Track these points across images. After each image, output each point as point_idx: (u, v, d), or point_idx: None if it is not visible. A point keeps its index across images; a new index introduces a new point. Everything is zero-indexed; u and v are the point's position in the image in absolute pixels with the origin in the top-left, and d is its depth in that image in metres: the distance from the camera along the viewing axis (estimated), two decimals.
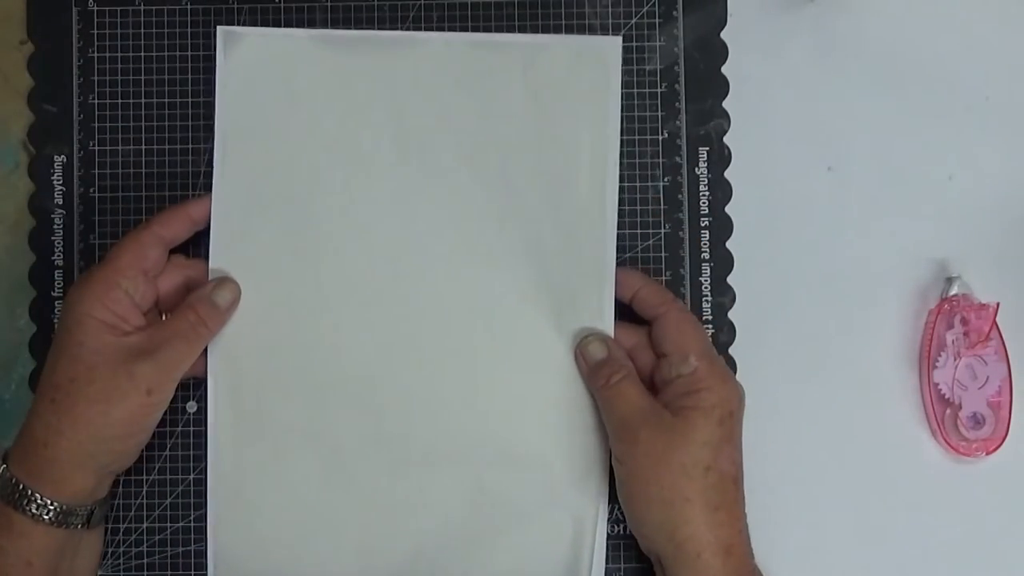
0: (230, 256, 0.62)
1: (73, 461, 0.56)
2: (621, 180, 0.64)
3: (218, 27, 0.63)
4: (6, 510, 0.55)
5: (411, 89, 0.63)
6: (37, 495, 0.55)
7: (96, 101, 0.64)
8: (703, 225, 0.64)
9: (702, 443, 0.56)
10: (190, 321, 0.59)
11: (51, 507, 0.55)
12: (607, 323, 0.62)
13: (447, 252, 0.62)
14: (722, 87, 0.65)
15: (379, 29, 0.64)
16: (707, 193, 0.64)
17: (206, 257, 0.62)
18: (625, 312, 0.62)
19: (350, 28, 0.64)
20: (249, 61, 0.63)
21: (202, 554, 0.63)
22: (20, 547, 0.55)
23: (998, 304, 0.62)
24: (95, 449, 0.56)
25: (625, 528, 0.62)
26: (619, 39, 0.63)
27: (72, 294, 0.57)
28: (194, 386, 0.63)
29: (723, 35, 0.65)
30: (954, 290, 0.63)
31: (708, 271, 0.64)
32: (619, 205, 0.63)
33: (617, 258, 0.63)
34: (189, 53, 0.64)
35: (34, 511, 0.55)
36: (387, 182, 0.63)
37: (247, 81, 0.63)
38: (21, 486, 0.55)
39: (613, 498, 0.61)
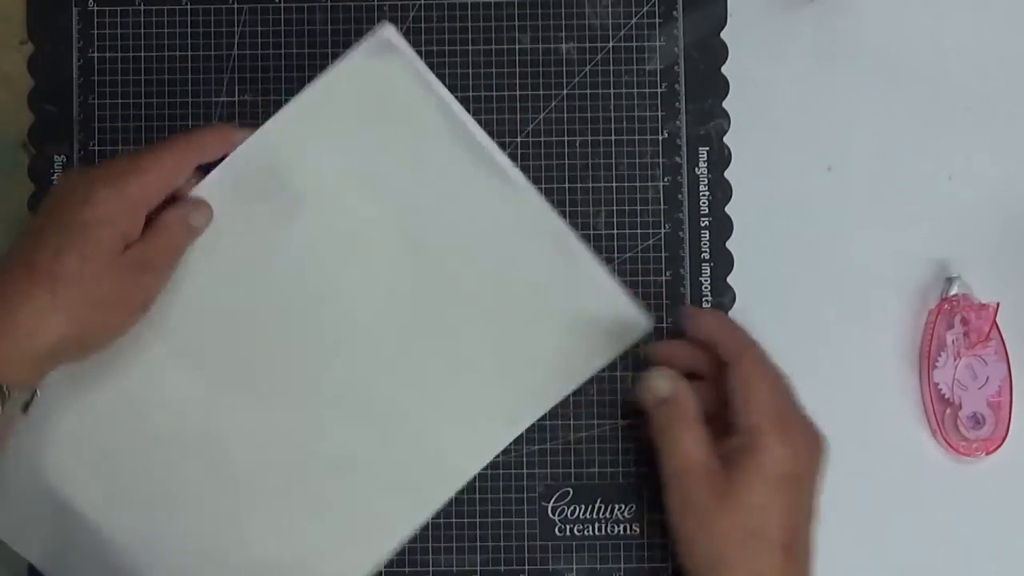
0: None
1: (49, 355, 0.54)
2: (621, 180, 0.64)
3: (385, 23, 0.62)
4: None
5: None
6: (3, 386, 0.53)
7: (96, 101, 0.64)
8: (703, 225, 0.64)
9: (749, 508, 0.54)
10: (173, 236, 0.58)
11: (5, 393, 0.53)
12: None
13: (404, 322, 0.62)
14: (722, 87, 0.65)
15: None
16: (707, 193, 0.64)
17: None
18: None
19: (349, 27, 0.64)
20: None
21: None
22: None
23: (998, 304, 0.62)
24: (74, 349, 0.55)
25: (625, 528, 0.62)
26: (651, 323, 0.62)
27: (102, 190, 0.55)
28: None
29: (723, 35, 0.65)
30: (954, 290, 0.63)
31: (708, 271, 0.64)
32: (619, 205, 0.63)
33: (617, 258, 0.63)
34: (189, 53, 0.64)
35: None
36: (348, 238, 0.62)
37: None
38: None
39: (616, 499, 0.61)
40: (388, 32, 0.62)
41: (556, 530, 0.63)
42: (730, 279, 0.64)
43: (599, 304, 0.62)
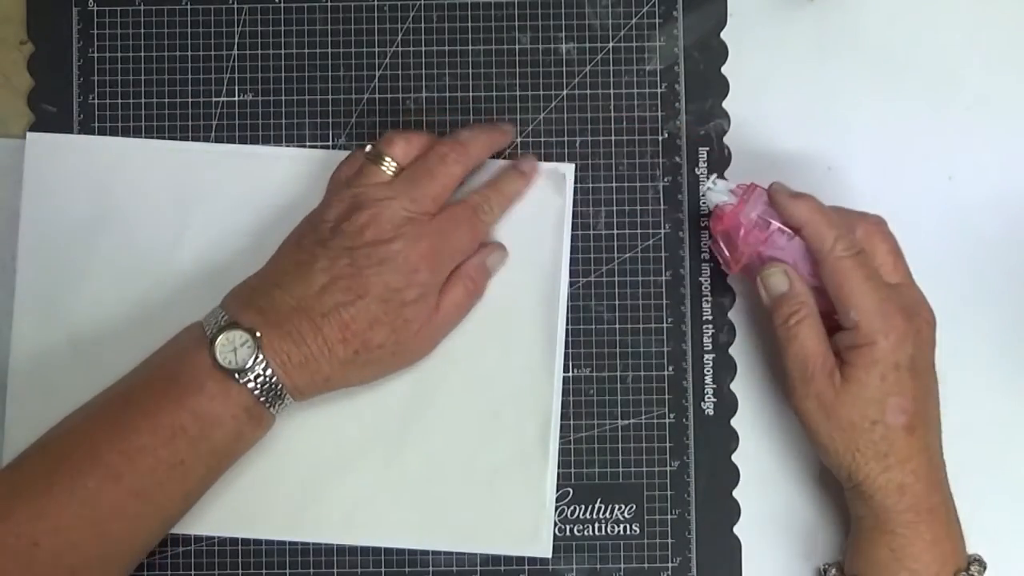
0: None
1: (336, 389, 0.59)
2: (621, 180, 0.64)
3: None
4: (261, 410, 0.56)
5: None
6: (290, 399, 0.57)
7: (96, 101, 0.65)
8: (703, 225, 0.64)
9: (866, 400, 0.56)
10: (469, 289, 0.60)
11: (289, 405, 0.58)
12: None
13: None
14: (722, 87, 0.65)
15: (379, 28, 0.64)
16: None
17: None
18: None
19: (349, 27, 0.64)
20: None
21: (200, 554, 0.63)
22: (258, 436, 0.58)
23: None
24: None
25: (625, 528, 0.62)
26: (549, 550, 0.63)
27: (425, 273, 0.57)
28: None
29: (723, 35, 0.65)
30: None
31: (708, 271, 0.64)
32: (619, 205, 0.64)
33: (618, 258, 0.63)
34: (189, 53, 0.65)
35: (277, 410, 0.57)
36: None
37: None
38: (286, 396, 0.57)
39: (616, 499, 0.61)
40: (568, 171, 0.64)
41: (556, 530, 0.63)
42: (730, 279, 0.64)
43: (525, 500, 0.62)
